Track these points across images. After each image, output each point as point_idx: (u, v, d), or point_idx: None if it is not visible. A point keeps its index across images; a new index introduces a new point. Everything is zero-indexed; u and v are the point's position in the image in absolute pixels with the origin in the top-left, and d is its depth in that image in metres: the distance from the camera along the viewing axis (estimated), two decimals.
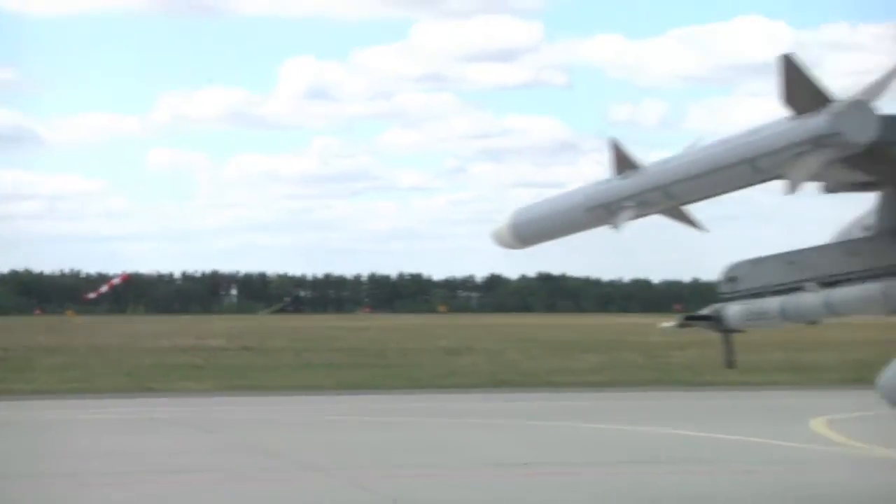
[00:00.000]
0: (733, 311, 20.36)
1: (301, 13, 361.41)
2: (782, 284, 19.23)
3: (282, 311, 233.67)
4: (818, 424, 32.79)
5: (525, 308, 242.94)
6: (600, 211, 17.70)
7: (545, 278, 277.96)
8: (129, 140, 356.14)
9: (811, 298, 18.49)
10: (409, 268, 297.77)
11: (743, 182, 16.05)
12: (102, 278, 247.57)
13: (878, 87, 14.50)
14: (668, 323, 24.58)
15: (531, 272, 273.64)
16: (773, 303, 19.30)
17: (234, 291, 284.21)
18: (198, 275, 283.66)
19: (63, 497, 22.89)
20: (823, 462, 26.90)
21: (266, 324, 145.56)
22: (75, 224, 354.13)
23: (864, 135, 14.16)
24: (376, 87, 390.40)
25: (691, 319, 22.83)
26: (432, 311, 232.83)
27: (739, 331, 21.63)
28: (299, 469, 26.21)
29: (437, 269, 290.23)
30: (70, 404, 43.31)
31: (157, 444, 30.92)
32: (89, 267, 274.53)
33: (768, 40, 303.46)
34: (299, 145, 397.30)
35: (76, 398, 45.47)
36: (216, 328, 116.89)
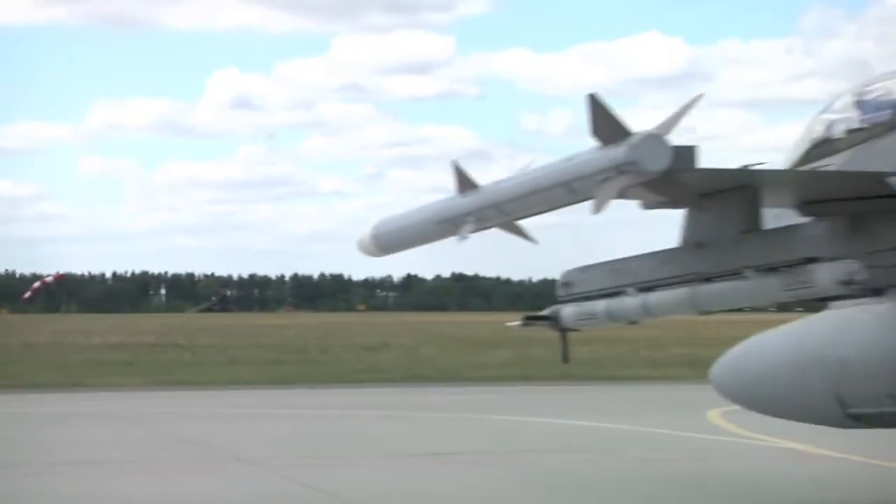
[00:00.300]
0: (567, 312, 21.93)
1: (227, 27, 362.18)
2: (607, 289, 20.89)
3: (209, 309, 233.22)
4: (714, 416, 33.22)
5: (440, 306, 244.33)
6: (447, 225, 19.21)
7: (459, 278, 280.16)
8: (62, 147, 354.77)
9: (631, 302, 20.03)
10: (330, 268, 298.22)
11: (562, 202, 17.61)
12: (37, 278, 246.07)
13: (671, 122, 15.89)
14: (514, 322, 25.42)
15: (446, 273, 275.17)
16: (599, 305, 20.80)
17: (162, 291, 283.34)
18: (128, 275, 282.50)
19: None
20: (718, 450, 27.54)
21: (194, 322, 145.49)
22: (10, 227, 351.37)
23: (658, 164, 15.73)
24: (298, 98, 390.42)
25: (532, 319, 24.19)
26: (352, 309, 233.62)
27: (574, 329, 22.98)
28: (231, 460, 26.38)
29: (357, 270, 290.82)
30: (3, 399, 43.09)
31: (92, 436, 30.87)
32: (24, 268, 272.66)
33: (667, 55, 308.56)
34: (225, 153, 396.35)
35: (9, 393, 45.36)
36: (146, 326, 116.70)
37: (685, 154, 16.56)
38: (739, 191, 18.62)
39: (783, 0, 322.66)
